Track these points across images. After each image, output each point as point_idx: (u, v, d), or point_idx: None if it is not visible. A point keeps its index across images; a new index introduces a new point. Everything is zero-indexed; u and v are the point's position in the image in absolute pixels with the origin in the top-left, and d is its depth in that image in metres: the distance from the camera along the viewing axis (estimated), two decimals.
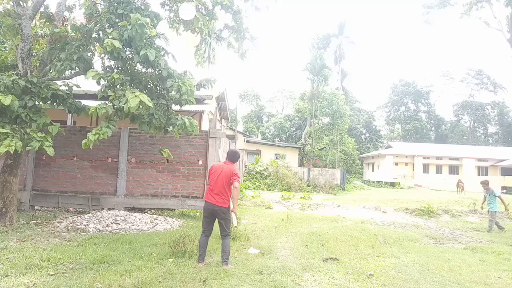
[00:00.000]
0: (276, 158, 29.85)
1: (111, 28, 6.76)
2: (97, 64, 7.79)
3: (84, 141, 6.51)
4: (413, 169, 38.95)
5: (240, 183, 5.44)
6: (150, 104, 6.17)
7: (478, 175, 38.50)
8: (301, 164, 33.69)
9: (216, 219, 5.25)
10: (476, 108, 59.00)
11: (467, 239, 8.88)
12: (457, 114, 62.73)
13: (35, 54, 7.99)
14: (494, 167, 38.75)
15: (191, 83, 7.03)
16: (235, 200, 5.28)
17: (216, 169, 5.36)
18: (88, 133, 6.54)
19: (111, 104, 6.82)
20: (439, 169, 39.54)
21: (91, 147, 6.54)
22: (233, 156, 5.48)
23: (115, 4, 7.00)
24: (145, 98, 6.12)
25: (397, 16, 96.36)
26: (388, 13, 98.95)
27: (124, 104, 6.20)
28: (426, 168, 39.39)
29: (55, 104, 7.78)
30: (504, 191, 33.10)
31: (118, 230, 7.51)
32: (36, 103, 7.23)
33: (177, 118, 7.39)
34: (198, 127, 7.89)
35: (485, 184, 10.21)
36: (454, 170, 39.49)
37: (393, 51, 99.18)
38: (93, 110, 6.70)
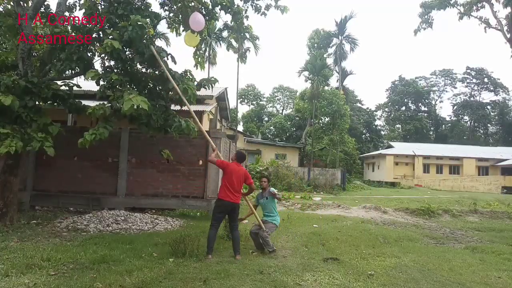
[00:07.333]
0: (277, 158, 29.78)
1: (111, 29, 6.76)
2: (98, 64, 7.78)
3: (80, 140, 6.48)
4: (414, 169, 38.90)
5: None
6: (145, 107, 6.12)
7: (479, 175, 38.49)
8: (301, 164, 33.60)
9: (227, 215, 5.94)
10: (476, 108, 58.93)
11: (467, 239, 8.88)
12: (457, 114, 62.68)
13: (35, 54, 7.99)
14: (494, 167, 38.71)
15: (194, 86, 7.10)
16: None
17: (232, 170, 5.86)
18: (85, 133, 6.51)
19: (109, 105, 6.81)
20: (439, 169, 39.50)
21: (87, 147, 6.51)
22: (241, 158, 6.10)
23: (115, 5, 6.99)
24: (139, 101, 6.07)
25: (397, 16, 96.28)
26: (388, 13, 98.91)
27: (122, 105, 6.20)
28: (426, 168, 39.35)
29: (55, 104, 7.79)
30: (505, 190, 33.00)
31: (118, 230, 7.51)
32: (37, 103, 7.24)
33: (174, 120, 7.37)
34: (195, 129, 7.86)
35: (264, 182, 6.59)
36: (454, 170, 39.45)
37: (394, 51, 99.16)
38: (90, 111, 6.70)
